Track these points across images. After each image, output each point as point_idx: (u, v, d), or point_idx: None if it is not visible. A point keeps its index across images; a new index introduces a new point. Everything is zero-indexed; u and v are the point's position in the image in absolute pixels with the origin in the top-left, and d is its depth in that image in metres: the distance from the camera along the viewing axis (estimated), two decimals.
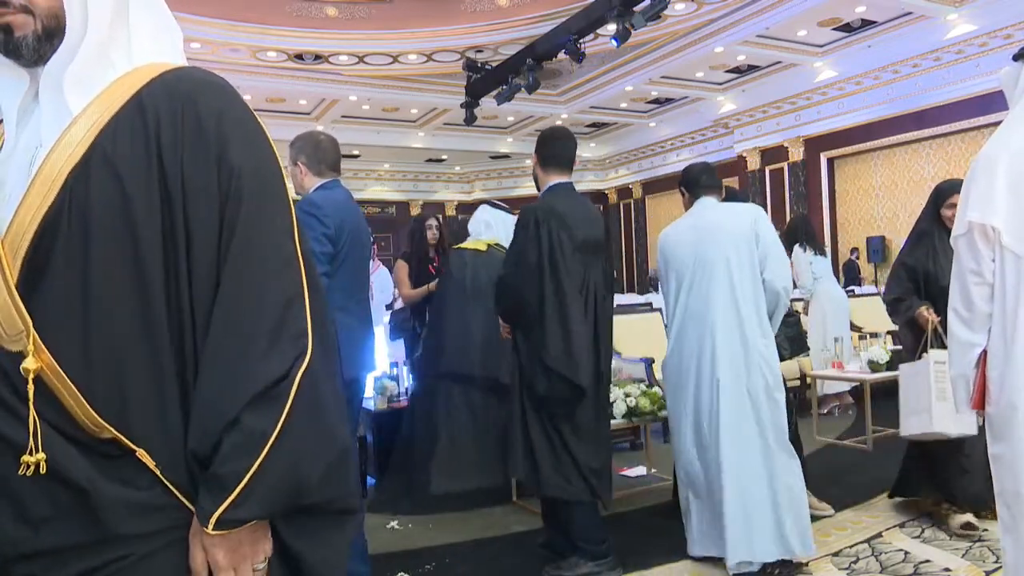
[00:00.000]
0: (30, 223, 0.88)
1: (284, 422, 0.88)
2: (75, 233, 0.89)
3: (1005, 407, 1.84)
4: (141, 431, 0.90)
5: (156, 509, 0.90)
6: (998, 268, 1.87)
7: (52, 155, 0.90)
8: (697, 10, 9.85)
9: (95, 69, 0.96)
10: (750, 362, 2.85)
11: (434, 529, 3.60)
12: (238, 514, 0.86)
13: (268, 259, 0.94)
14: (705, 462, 2.93)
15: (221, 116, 0.95)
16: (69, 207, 0.89)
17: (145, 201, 0.91)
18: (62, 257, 0.89)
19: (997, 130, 2.00)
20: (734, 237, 2.92)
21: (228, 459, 0.86)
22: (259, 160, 0.97)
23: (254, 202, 0.94)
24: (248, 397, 0.87)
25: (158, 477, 0.90)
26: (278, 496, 0.89)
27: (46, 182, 0.89)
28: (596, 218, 3.04)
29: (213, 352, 0.90)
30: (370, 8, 10.43)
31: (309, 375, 0.91)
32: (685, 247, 3.03)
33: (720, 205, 3.12)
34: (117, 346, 0.90)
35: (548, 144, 2.99)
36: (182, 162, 0.93)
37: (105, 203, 0.90)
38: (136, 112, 0.93)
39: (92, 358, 0.89)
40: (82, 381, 0.87)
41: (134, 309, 0.90)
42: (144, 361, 0.91)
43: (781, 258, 2.96)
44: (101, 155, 0.90)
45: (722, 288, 2.89)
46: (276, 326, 0.91)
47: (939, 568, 2.87)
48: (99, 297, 0.89)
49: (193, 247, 0.92)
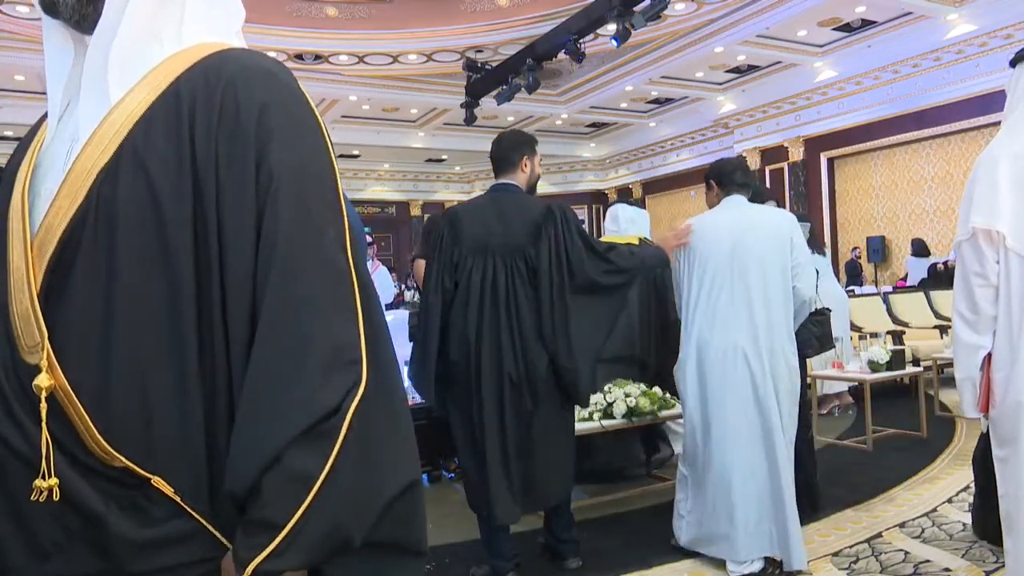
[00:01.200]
0: (58, 226, 0.80)
1: (333, 463, 0.77)
2: (100, 239, 0.80)
3: (1010, 408, 1.84)
4: (161, 457, 0.80)
5: (175, 542, 0.81)
6: (1003, 271, 1.87)
7: (84, 152, 0.82)
8: (697, 10, 9.85)
9: (140, 47, 0.86)
10: (776, 365, 2.86)
11: (434, 529, 3.60)
12: (278, 565, 0.76)
13: (317, 276, 0.82)
14: (712, 459, 2.92)
15: (265, 109, 0.83)
16: (96, 211, 0.80)
17: (175, 205, 0.81)
18: (84, 265, 0.80)
19: (998, 133, 2.00)
20: (771, 240, 2.91)
21: (268, 504, 0.76)
22: (305, 161, 0.85)
23: (299, 209, 0.83)
24: (292, 434, 0.76)
25: (179, 506, 0.81)
26: (324, 545, 0.78)
27: (76, 182, 0.81)
28: (520, 219, 2.85)
29: (255, 382, 0.79)
30: (370, 8, 10.43)
31: (363, 408, 0.79)
32: (720, 241, 2.95)
33: (756, 205, 3.10)
34: (138, 366, 0.80)
35: (491, 147, 3.04)
36: (217, 161, 0.82)
37: (132, 206, 0.81)
38: (172, 101, 0.83)
39: (109, 378, 0.80)
40: (95, 403, 0.79)
41: (159, 324, 0.81)
42: (167, 382, 0.81)
43: (811, 268, 3.00)
44: (132, 152, 0.81)
45: (757, 288, 2.88)
46: (324, 353, 0.79)
47: (939, 568, 2.87)
48: (120, 311, 0.80)
49: (227, 258, 0.82)
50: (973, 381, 1.94)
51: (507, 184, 2.96)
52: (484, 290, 2.78)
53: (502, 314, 2.77)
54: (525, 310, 2.78)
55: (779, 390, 2.87)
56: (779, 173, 13.47)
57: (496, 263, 2.80)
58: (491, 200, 2.96)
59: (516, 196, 2.95)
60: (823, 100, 12.32)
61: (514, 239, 2.82)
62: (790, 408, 2.90)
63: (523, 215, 2.88)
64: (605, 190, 18.85)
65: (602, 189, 18.86)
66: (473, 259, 2.81)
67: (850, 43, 10.90)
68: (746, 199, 3.08)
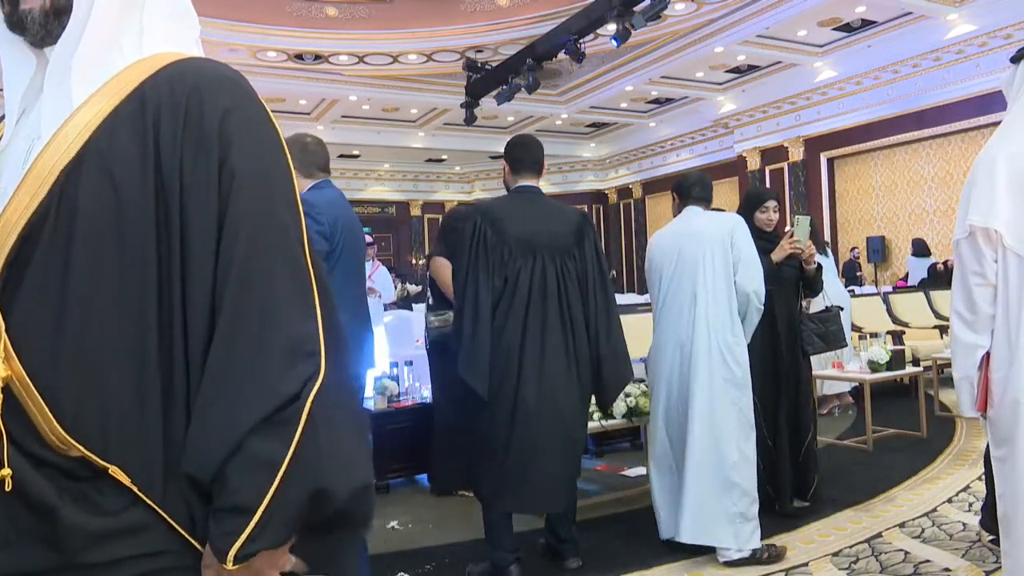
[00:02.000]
0: (16, 222, 0.81)
1: (296, 448, 0.80)
2: (60, 235, 0.82)
3: (1008, 408, 1.84)
4: (118, 448, 0.82)
5: (129, 533, 0.82)
6: (1001, 270, 1.87)
7: (47, 150, 0.84)
8: (697, 10, 9.85)
9: (102, 55, 0.89)
10: (713, 354, 3.10)
11: (434, 529, 3.60)
12: (256, 547, 0.80)
13: (278, 270, 0.86)
14: (673, 448, 3.20)
15: (228, 113, 0.87)
16: (57, 207, 0.82)
17: (139, 203, 0.84)
18: (43, 259, 0.82)
19: (996, 132, 2.00)
20: (711, 241, 3.17)
21: (237, 491, 0.80)
22: (266, 162, 0.90)
23: (261, 207, 0.87)
24: (254, 421, 0.80)
25: (135, 497, 0.82)
26: (293, 523, 0.82)
27: (37, 179, 0.83)
28: (558, 218, 2.99)
29: (216, 371, 0.83)
30: (370, 8, 10.43)
31: (322, 396, 0.83)
32: (669, 247, 3.29)
33: (704, 213, 3.34)
34: (96, 357, 0.82)
35: (511, 150, 3.08)
36: (181, 162, 0.85)
37: (95, 204, 0.83)
38: (137, 105, 0.86)
39: (66, 369, 0.81)
40: (53, 394, 0.80)
41: (119, 319, 0.83)
42: (126, 373, 0.83)
43: (753, 264, 3.18)
44: (96, 152, 0.84)
45: (698, 285, 3.16)
46: (285, 344, 0.83)
47: (939, 568, 2.87)
48: (79, 304, 0.82)
49: (189, 255, 0.85)
50: (971, 380, 1.94)
51: (534, 187, 3.04)
52: (532, 289, 2.84)
53: (551, 313, 2.84)
54: (577, 310, 2.90)
55: (714, 379, 3.08)
56: (779, 173, 13.47)
57: (545, 262, 2.87)
58: (527, 201, 3.00)
59: (546, 198, 3.10)
60: (823, 100, 12.33)
61: (560, 240, 2.93)
62: (733, 396, 3.09)
63: (562, 217, 3.02)
64: (605, 190, 18.85)
65: (602, 189, 18.87)
66: (522, 258, 2.84)
67: (850, 43, 10.90)
68: (702, 210, 3.34)
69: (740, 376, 3.11)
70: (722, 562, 2.99)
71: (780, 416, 3.55)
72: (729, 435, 3.06)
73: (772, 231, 3.70)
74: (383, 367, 4.52)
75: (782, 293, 3.59)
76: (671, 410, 3.22)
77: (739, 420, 3.09)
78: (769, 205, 3.70)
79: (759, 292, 3.16)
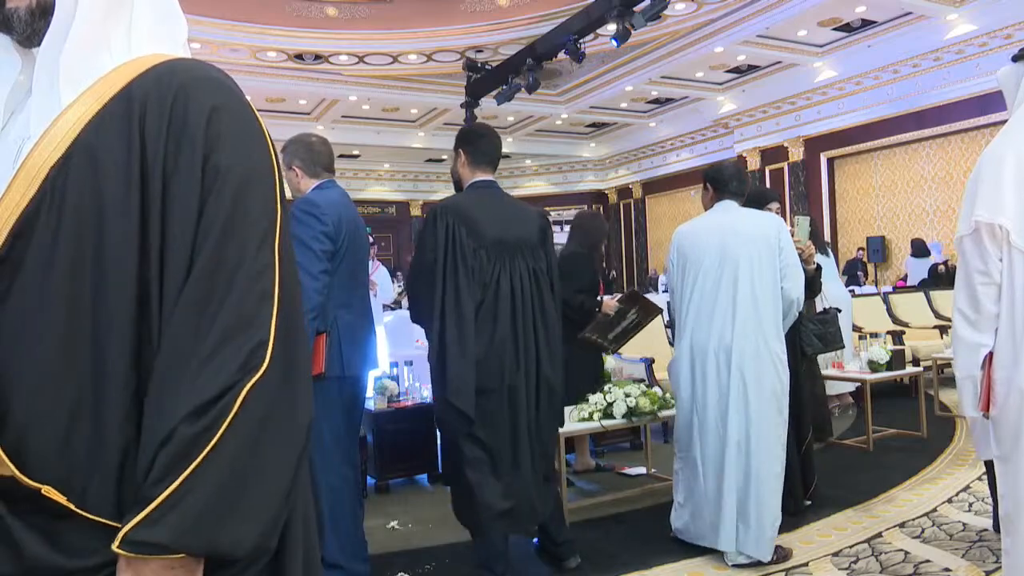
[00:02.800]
0: (8, 219, 0.81)
1: (220, 438, 0.77)
2: (48, 232, 0.82)
3: (1012, 408, 1.83)
4: (57, 464, 0.79)
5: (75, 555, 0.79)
6: (1006, 268, 1.85)
7: (37, 148, 0.84)
8: (697, 10, 9.85)
9: (91, 54, 0.89)
10: (763, 361, 2.96)
11: (434, 529, 3.60)
12: (147, 535, 0.75)
13: (240, 266, 0.84)
14: (705, 451, 3.06)
15: (214, 113, 0.87)
16: (49, 205, 0.82)
17: (122, 201, 0.84)
18: (33, 258, 0.81)
19: (1002, 129, 1.99)
20: (759, 241, 3.03)
21: (156, 478, 0.77)
22: (250, 160, 0.89)
23: (236, 204, 0.86)
24: (186, 411, 0.78)
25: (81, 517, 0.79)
26: (198, 528, 0.76)
27: (27, 177, 0.82)
28: (523, 217, 2.83)
29: (163, 361, 0.82)
30: (370, 8, 10.43)
31: (259, 391, 0.80)
32: (710, 244, 3.08)
33: (745, 209, 3.22)
34: (68, 364, 0.81)
35: (473, 140, 2.88)
36: (164, 160, 0.85)
37: (81, 202, 0.83)
38: (124, 103, 0.86)
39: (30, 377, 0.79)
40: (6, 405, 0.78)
41: (95, 321, 0.82)
42: (95, 381, 0.82)
43: (799, 270, 3.09)
44: (84, 150, 0.84)
45: (745, 286, 3.00)
46: (227, 336, 0.81)
47: (939, 568, 2.87)
48: (56, 306, 0.81)
49: (168, 253, 0.84)
50: (974, 380, 1.93)
51: (493, 181, 2.89)
52: (514, 293, 2.68)
53: (529, 321, 2.70)
54: (551, 310, 2.78)
55: (763, 388, 2.96)
56: (779, 173, 13.48)
57: (519, 264, 2.72)
58: (492, 198, 2.82)
59: (507, 195, 2.96)
60: (823, 100, 12.33)
61: (528, 236, 2.78)
62: (779, 406, 2.99)
63: (527, 216, 2.87)
64: (605, 190, 18.85)
65: (602, 189, 18.87)
66: (499, 262, 2.68)
67: (850, 43, 10.90)
68: (737, 205, 3.20)
69: (783, 387, 3.00)
70: (731, 565, 2.96)
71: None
72: (773, 445, 2.97)
73: None
74: (383, 367, 4.52)
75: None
76: (706, 417, 3.05)
77: (783, 430, 3.01)
78: (772, 207, 3.67)
79: (801, 300, 3.08)
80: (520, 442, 2.68)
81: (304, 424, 0.87)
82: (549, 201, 17.84)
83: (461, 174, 2.91)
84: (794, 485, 3.52)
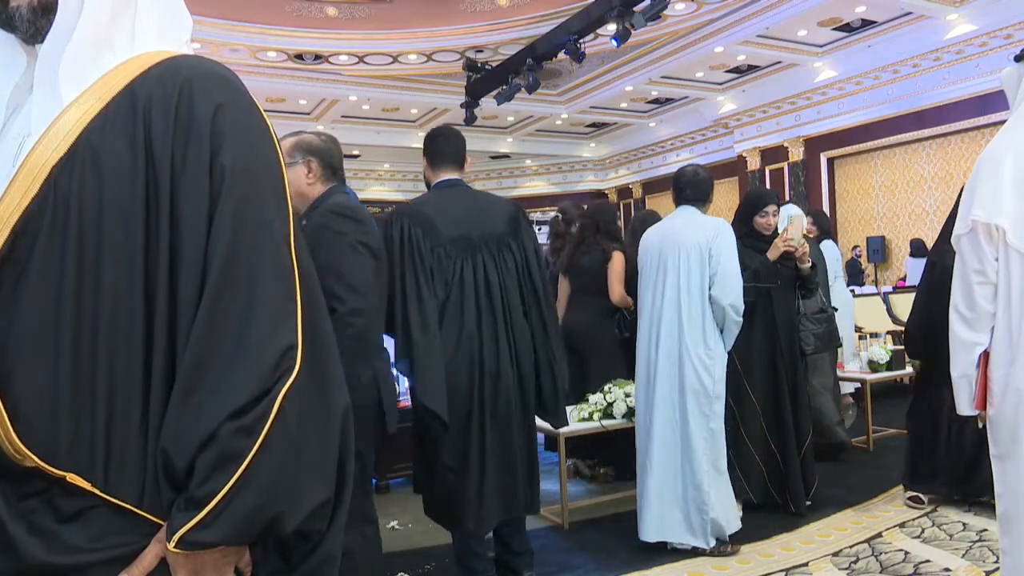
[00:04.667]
0: (9, 217, 0.81)
1: (262, 442, 0.80)
2: (57, 231, 0.82)
3: (1010, 407, 1.83)
4: (83, 455, 0.81)
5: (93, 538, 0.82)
6: (1002, 268, 1.86)
7: (38, 146, 0.84)
8: (697, 10, 9.84)
9: (94, 53, 0.89)
10: (683, 364, 3.12)
11: (434, 529, 3.59)
12: (203, 536, 0.79)
13: (258, 268, 0.85)
14: (642, 445, 3.29)
15: (219, 109, 0.87)
16: (52, 204, 0.82)
17: (129, 198, 0.84)
18: (41, 257, 0.82)
19: (1001, 129, 1.99)
20: (691, 249, 3.15)
21: (202, 480, 0.80)
22: (256, 158, 0.89)
23: (249, 203, 0.86)
24: (225, 414, 0.80)
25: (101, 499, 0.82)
26: (250, 522, 0.81)
27: (29, 175, 0.82)
28: (491, 212, 2.81)
29: (193, 363, 0.82)
30: (370, 8, 10.42)
31: (295, 394, 0.83)
32: (652, 250, 3.29)
33: (690, 216, 3.28)
34: (79, 361, 0.82)
35: (430, 142, 2.89)
36: (172, 158, 0.85)
37: (87, 200, 0.83)
38: (127, 101, 0.86)
39: (42, 374, 0.80)
40: (18, 401, 0.79)
41: (106, 319, 0.83)
42: (108, 376, 0.83)
43: (732, 276, 3.14)
44: (87, 147, 0.84)
45: (672, 292, 3.17)
46: (262, 338, 0.83)
47: (939, 568, 2.87)
48: (68, 304, 0.81)
49: (180, 252, 0.85)
50: (969, 379, 1.93)
51: (457, 179, 2.87)
52: (479, 288, 2.68)
53: (499, 315, 2.70)
54: (518, 312, 2.76)
55: (685, 389, 3.12)
56: (779, 173, 13.46)
57: (484, 257, 2.71)
58: (455, 195, 2.81)
59: (474, 191, 2.99)
60: (823, 100, 12.31)
61: (494, 230, 2.76)
62: (699, 405, 3.11)
63: (496, 208, 2.86)
64: (605, 190, 18.83)
65: (602, 189, 18.85)
66: (460, 258, 2.67)
67: (850, 43, 10.89)
68: (695, 210, 3.29)
69: (708, 389, 3.10)
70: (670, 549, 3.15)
71: (785, 417, 3.54)
72: (698, 442, 3.09)
73: (772, 234, 3.67)
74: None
75: (781, 293, 3.58)
76: (640, 417, 3.31)
77: (709, 430, 3.10)
78: (769, 209, 3.66)
79: (736, 305, 3.12)
80: (495, 433, 2.66)
81: (339, 408, 0.90)
82: (549, 201, 17.83)
83: (427, 177, 2.93)
84: (794, 486, 3.52)
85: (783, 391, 3.56)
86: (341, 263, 2.16)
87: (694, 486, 3.09)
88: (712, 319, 3.13)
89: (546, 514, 3.80)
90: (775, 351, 3.56)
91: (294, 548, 0.90)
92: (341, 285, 2.13)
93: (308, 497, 0.85)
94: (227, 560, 0.84)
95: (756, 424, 3.56)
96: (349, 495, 0.93)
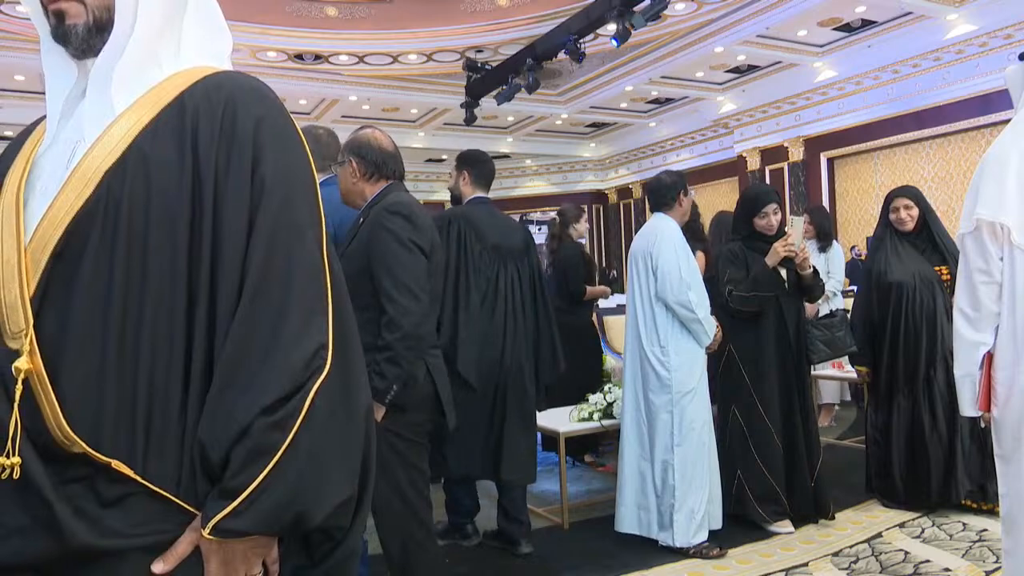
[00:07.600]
0: (63, 218, 0.87)
1: (294, 437, 0.85)
2: (108, 233, 0.88)
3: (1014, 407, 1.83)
4: (125, 444, 0.86)
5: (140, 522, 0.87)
6: (1007, 267, 1.85)
7: (92, 151, 0.90)
8: (697, 10, 9.84)
9: (142, 68, 0.96)
10: (643, 363, 3.29)
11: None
12: (236, 524, 0.85)
13: (293, 271, 0.91)
14: (621, 443, 3.43)
15: (260, 123, 0.95)
16: (105, 205, 0.88)
17: (176, 204, 0.90)
18: (92, 256, 0.87)
19: (1006, 128, 1.98)
20: (636, 256, 3.37)
21: (236, 470, 0.85)
22: (293, 169, 0.96)
23: (285, 211, 0.93)
24: (259, 408, 0.85)
25: (142, 486, 0.87)
26: (280, 514, 0.86)
27: (83, 178, 0.88)
28: (511, 230, 3.40)
29: (230, 359, 0.88)
30: (370, 8, 10.42)
31: (326, 392, 0.88)
32: (629, 261, 3.49)
33: (651, 222, 3.44)
34: (124, 355, 0.87)
35: (476, 164, 3.38)
36: (216, 167, 0.92)
37: (137, 204, 0.89)
38: (177, 113, 0.93)
39: (90, 366, 0.86)
40: (67, 389, 0.85)
41: (150, 316, 0.88)
42: (150, 371, 0.88)
43: (669, 274, 3.22)
44: (139, 154, 0.90)
45: (634, 299, 3.36)
46: (294, 339, 0.88)
47: (939, 568, 2.87)
48: (116, 301, 0.87)
49: (221, 255, 0.91)
50: (972, 379, 1.92)
51: (488, 198, 3.38)
52: (507, 290, 3.21)
53: (519, 314, 3.23)
54: (530, 311, 3.31)
55: (648, 387, 3.25)
56: (779, 173, 13.46)
57: (511, 267, 3.25)
58: (489, 212, 3.33)
59: (496, 209, 3.45)
60: (823, 100, 12.31)
61: (516, 245, 3.31)
62: (665, 403, 3.20)
63: (514, 228, 3.44)
64: (605, 190, 18.84)
65: (602, 189, 18.86)
66: (496, 263, 3.21)
67: (850, 43, 10.89)
68: (663, 216, 3.37)
69: (668, 379, 3.19)
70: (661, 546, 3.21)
71: (796, 425, 3.40)
72: (663, 440, 3.18)
73: (776, 233, 3.47)
74: None
75: (790, 298, 3.45)
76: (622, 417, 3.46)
77: (679, 426, 3.17)
78: (768, 210, 3.47)
79: (682, 302, 3.17)
80: (505, 407, 3.15)
81: (363, 408, 0.95)
82: (549, 201, 17.83)
83: (463, 191, 3.37)
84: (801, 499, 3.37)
85: (795, 406, 3.40)
86: (394, 262, 2.21)
87: (661, 481, 3.19)
88: (666, 319, 3.24)
89: (546, 514, 3.80)
90: (785, 359, 3.40)
91: (317, 545, 0.95)
92: (395, 284, 2.18)
93: (334, 492, 0.90)
94: (256, 552, 0.88)
95: (767, 438, 3.37)
96: (371, 494, 0.98)
